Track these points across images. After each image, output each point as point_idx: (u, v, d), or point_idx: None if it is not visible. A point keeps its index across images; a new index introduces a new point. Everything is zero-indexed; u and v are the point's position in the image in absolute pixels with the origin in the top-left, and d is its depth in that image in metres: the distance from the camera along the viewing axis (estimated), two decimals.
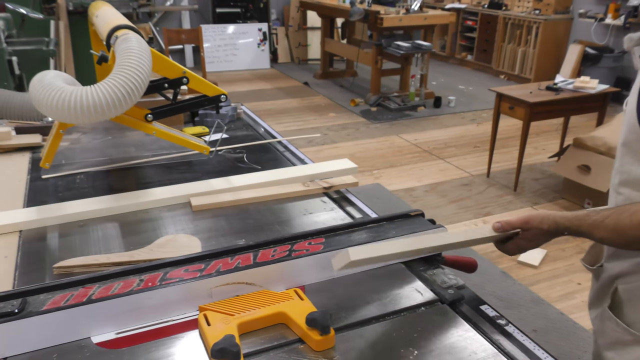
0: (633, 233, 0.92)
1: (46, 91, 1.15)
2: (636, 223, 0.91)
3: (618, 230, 0.94)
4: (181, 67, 1.41)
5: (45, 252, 1.21)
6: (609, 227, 0.95)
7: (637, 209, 0.92)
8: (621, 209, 0.95)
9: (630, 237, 0.92)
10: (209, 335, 0.90)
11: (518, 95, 3.55)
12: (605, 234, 0.95)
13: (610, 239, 0.96)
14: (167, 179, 1.58)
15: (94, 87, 1.16)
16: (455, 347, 0.91)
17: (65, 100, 1.13)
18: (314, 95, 6.31)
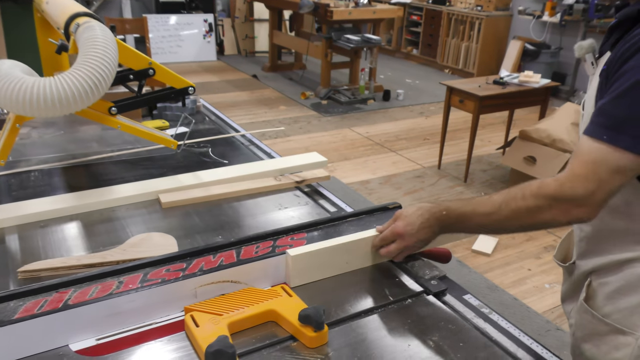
0: (508, 220, 0.95)
1: (4, 82, 1.06)
2: (512, 209, 0.94)
3: (493, 214, 0.96)
4: (147, 57, 1.34)
5: (5, 255, 1.12)
6: (486, 211, 0.98)
7: (516, 195, 0.95)
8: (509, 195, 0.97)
9: (502, 222, 0.96)
10: (199, 337, 0.86)
11: (468, 89, 3.66)
12: (483, 216, 0.98)
13: (486, 222, 0.98)
14: (131, 175, 1.51)
15: (57, 78, 1.09)
16: (446, 338, 0.92)
17: (26, 92, 1.05)
18: (263, 88, 6.24)
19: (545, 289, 2.62)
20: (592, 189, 0.87)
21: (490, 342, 0.92)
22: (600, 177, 0.86)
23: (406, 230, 1.05)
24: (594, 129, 0.88)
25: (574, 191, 0.88)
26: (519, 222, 0.95)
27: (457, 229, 1.04)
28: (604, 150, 0.86)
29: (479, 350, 0.89)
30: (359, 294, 1.03)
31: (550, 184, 0.91)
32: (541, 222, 0.93)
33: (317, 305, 0.91)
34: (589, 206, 0.88)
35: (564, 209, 0.90)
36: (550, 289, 2.62)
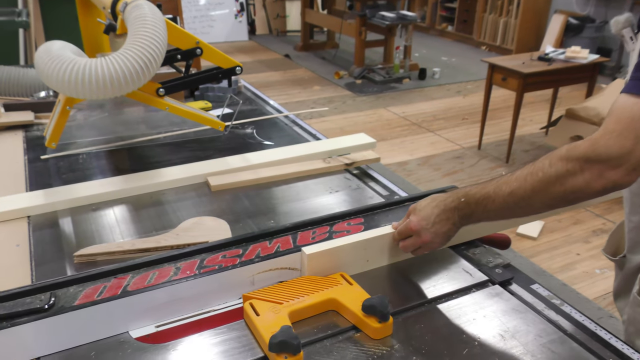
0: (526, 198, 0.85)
1: (55, 63, 1.04)
2: (530, 186, 0.84)
3: (514, 195, 0.86)
4: (195, 37, 1.31)
5: (59, 239, 1.11)
6: (506, 192, 0.87)
7: (533, 170, 0.85)
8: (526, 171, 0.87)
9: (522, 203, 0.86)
10: (260, 326, 0.83)
11: (511, 66, 3.52)
12: (507, 195, 0.87)
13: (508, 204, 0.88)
14: (178, 158, 1.49)
15: (109, 58, 1.06)
16: (518, 331, 0.87)
17: (78, 74, 1.03)
18: (296, 68, 6.18)
19: (596, 275, 2.53)
20: (628, 146, 0.78)
21: (566, 337, 0.86)
22: (637, 133, 0.77)
23: (421, 226, 0.95)
24: (632, 84, 0.80)
25: (608, 149, 0.79)
26: (548, 195, 0.84)
27: (480, 217, 0.93)
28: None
29: (556, 345, 0.84)
30: (421, 283, 0.99)
31: (581, 144, 0.82)
32: (573, 189, 0.82)
33: (381, 295, 0.87)
34: (626, 167, 0.79)
35: (597, 171, 0.80)
36: (601, 275, 2.53)
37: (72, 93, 1.06)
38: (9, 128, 1.66)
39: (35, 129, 1.67)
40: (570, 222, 2.98)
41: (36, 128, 1.68)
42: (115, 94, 1.08)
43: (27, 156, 1.49)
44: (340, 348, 0.84)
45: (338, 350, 0.83)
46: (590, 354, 0.83)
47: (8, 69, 1.79)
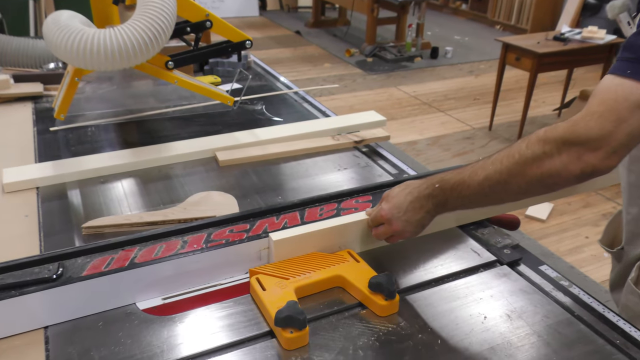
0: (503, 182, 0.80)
1: (64, 33, 1.03)
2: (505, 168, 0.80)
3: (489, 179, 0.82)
4: (204, 9, 1.29)
5: (68, 210, 1.12)
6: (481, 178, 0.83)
7: (509, 153, 0.80)
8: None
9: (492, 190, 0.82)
10: (266, 301, 0.83)
11: (526, 45, 3.46)
12: (483, 179, 0.83)
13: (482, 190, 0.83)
14: (186, 132, 1.48)
15: (117, 29, 1.05)
16: (525, 312, 0.87)
17: (87, 44, 1.02)
18: (306, 44, 6.11)
19: (604, 259, 2.51)
20: (609, 128, 0.74)
21: (574, 318, 0.86)
22: (619, 115, 0.74)
23: (392, 214, 0.90)
24: (617, 65, 0.77)
25: (587, 131, 0.74)
26: (525, 178, 0.79)
27: (455, 204, 0.88)
28: (626, 85, 0.74)
29: (563, 327, 0.84)
30: (428, 262, 0.98)
31: (561, 125, 0.78)
32: (550, 172, 0.78)
33: (388, 273, 0.87)
34: (605, 150, 0.74)
35: (575, 153, 0.75)
36: (609, 258, 2.51)
37: (80, 64, 1.06)
38: (18, 99, 1.66)
39: (44, 101, 1.67)
40: (580, 205, 2.96)
41: (45, 100, 1.67)
42: (124, 65, 1.07)
43: (36, 127, 1.49)
44: (346, 324, 0.84)
45: (344, 327, 0.83)
46: (598, 336, 0.83)
47: (18, 39, 1.79)
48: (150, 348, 0.77)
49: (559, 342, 0.80)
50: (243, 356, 0.77)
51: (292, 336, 0.77)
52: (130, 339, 0.79)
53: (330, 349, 0.78)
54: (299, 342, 0.78)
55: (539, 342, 0.80)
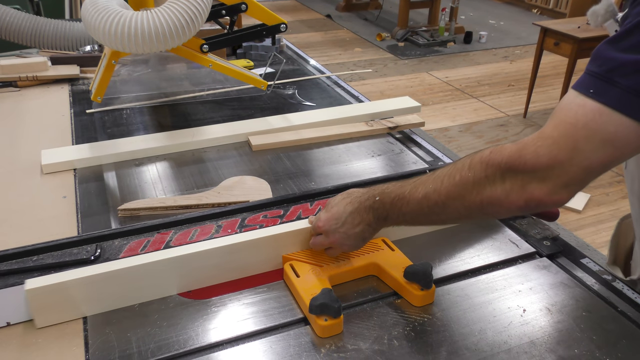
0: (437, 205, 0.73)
1: (102, 16, 1.04)
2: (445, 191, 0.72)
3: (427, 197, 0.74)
4: None
5: (104, 192, 1.13)
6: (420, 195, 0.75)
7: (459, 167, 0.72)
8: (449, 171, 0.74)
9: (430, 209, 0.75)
10: (300, 288, 0.83)
11: (565, 30, 3.34)
12: (422, 197, 0.75)
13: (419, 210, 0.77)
14: (219, 116, 1.48)
15: (154, 11, 1.04)
16: (566, 306, 0.84)
17: (124, 26, 1.02)
18: (337, 29, 6.05)
19: None
20: (561, 158, 0.64)
21: (618, 314, 0.83)
22: (575, 144, 0.63)
23: (329, 225, 0.84)
24: (582, 79, 0.65)
25: (536, 158, 0.65)
26: (463, 203, 0.72)
27: (397, 219, 0.80)
28: (588, 108, 0.63)
29: (606, 322, 0.81)
30: (465, 252, 0.96)
31: (508, 147, 0.69)
32: (490, 200, 0.70)
33: (425, 262, 0.85)
34: (554, 183, 0.65)
35: (519, 182, 0.67)
36: None
37: (118, 46, 1.06)
38: (55, 82, 1.68)
39: (80, 83, 1.69)
40: (619, 196, 2.87)
41: (82, 82, 1.70)
42: (160, 48, 1.07)
43: (73, 110, 1.51)
44: (381, 313, 0.83)
45: (378, 315, 0.82)
46: None
47: (55, 22, 1.81)
48: (185, 331, 0.78)
49: (602, 338, 0.78)
50: (277, 342, 0.77)
51: (326, 324, 0.77)
52: (166, 322, 0.79)
53: (365, 337, 0.78)
54: (334, 330, 0.77)
55: (581, 337, 0.78)
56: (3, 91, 1.61)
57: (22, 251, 0.86)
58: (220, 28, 1.36)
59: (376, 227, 0.83)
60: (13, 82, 1.63)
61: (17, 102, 1.55)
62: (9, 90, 1.62)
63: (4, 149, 1.29)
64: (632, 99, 0.60)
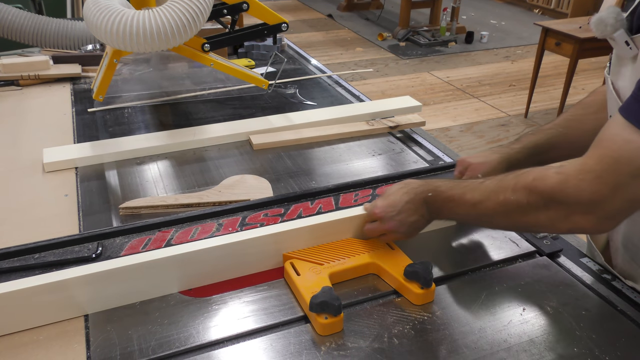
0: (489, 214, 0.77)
1: (104, 15, 1.04)
2: (498, 203, 0.75)
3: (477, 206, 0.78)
4: None
5: (106, 190, 1.13)
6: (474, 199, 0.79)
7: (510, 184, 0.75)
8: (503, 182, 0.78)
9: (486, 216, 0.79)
10: (300, 286, 0.83)
11: (567, 30, 3.34)
12: (470, 205, 0.80)
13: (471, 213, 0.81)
14: (220, 115, 1.49)
15: (156, 10, 1.05)
16: (565, 305, 0.84)
17: (126, 25, 1.02)
18: (338, 28, 6.06)
19: None
20: (604, 193, 0.65)
21: (617, 312, 0.83)
22: (618, 180, 0.64)
23: (385, 212, 0.86)
24: (632, 105, 0.64)
25: (578, 192, 0.67)
26: (509, 220, 0.77)
27: (448, 216, 0.86)
28: (635, 141, 0.62)
29: (606, 321, 0.81)
30: (465, 251, 0.96)
31: (550, 177, 0.70)
32: (536, 223, 0.74)
33: (425, 261, 0.85)
34: (598, 215, 0.67)
35: (563, 212, 0.69)
36: None
37: (120, 45, 1.06)
38: (57, 80, 1.69)
39: (82, 82, 1.69)
40: None
41: (83, 81, 1.70)
42: (162, 47, 1.07)
43: (74, 108, 1.52)
44: (381, 312, 0.83)
45: (378, 314, 0.82)
46: None
47: (57, 21, 1.81)
48: (186, 329, 0.78)
49: (602, 337, 0.78)
50: (278, 340, 0.77)
51: (327, 322, 0.77)
52: (167, 320, 0.80)
53: (365, 335, 0.78)
54: (334, 328, 0.78)
55: (581, 336, 0.78)
56: (5, 90, 1.61)
57: (23, 249, 0.87)
58: (221, 27, 1.36)
59: (429, 218, 0.87)
60: (15, 80, 1.63)
61: (19, 100, 1.56)
62: (11, 89, 1.62)
63: (6, 148, 1.30)
64: None
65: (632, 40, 0.73)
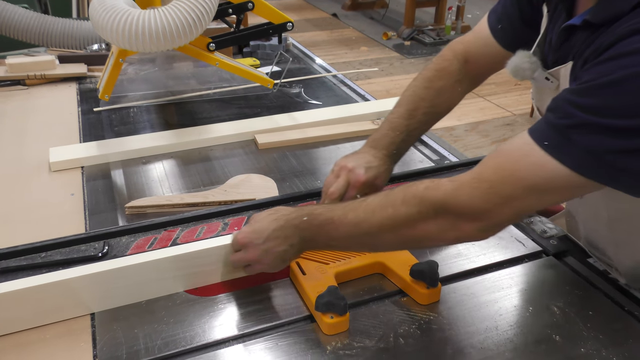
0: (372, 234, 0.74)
1: (110, 14, 1.04)
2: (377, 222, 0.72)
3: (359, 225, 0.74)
4: None
5: (111, 190, 1.14)
6: (353, 221, 0.74)
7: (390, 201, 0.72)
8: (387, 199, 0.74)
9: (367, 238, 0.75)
10: (306, 285, 0.83)
11: None
12: (352, 225, 0.74)
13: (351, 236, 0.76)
14: (225, 114, 1.49)
15: (161, 10, 1.05)
16: (572, 305, 0.84)
17: (132, 25, 1.03)
18: (343, 27, 6.05)
19: None
20: (495, 202, 0.66)
21: (625, 313, 0.83)
22: (512, 193, 0.65)
23: (250, 239, 0.79)
24: (540, 127, 0.65)
25: (471, 200, 0.67)
26: (396, 235, 0.73)
27: (325, 243, 0.78)
28: (534, 158, 0.63)
29: (613, 321, 0.81)
30: (471, 250, 0.96)
31: (444, 185, 0.70)
32: (424, 234, 0.72)
33: (431, 261, 0.85)
34: (485, 224, 0.68)
35: (452, 221, 0.69)
36: None
37: (126, 45, 1.06)
38: (63, 80, 1.69)
39: (88, 82, 1.70)
40: None
41: (89, 80, 1.70)
42: (167, 46, 1.07)
43: (80, 108, 1.52)
44: (387, 311, 0.83)
45: (384, 314, 0.82)
46: None
47: (62, 21, 1.82)
48: (192, 328, 0.78)
49: (609, 337, 0.77)
50: (283, 339, 0.77)
51: (332, 321, 0.77)
52: (173, 319, 0.80)
53: (371, 335, 0.78)
54: (340, 327, 0.78)
55: (588, 336, 0.78)
56: (11, 89, 1.62)
57: (30, 248, 0.87)
58: (227, 27, 1.36)
59: (300, 248, 0.79)
60: (21, 80, 1.64)
61: (25, 100, 1.56)
62: (17, 88, 1.63)
63: (13, 147, 1.30)
64: (584, 157, 0.61)
65: (551, 74, 0.76)
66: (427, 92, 1.00)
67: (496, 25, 0.94)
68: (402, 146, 0.99)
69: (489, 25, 0.96)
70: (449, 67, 1.01)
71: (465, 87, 1.02)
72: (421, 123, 1.00)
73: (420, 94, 1.00)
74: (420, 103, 0.99)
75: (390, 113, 1.01)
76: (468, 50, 1.00)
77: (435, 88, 1.00)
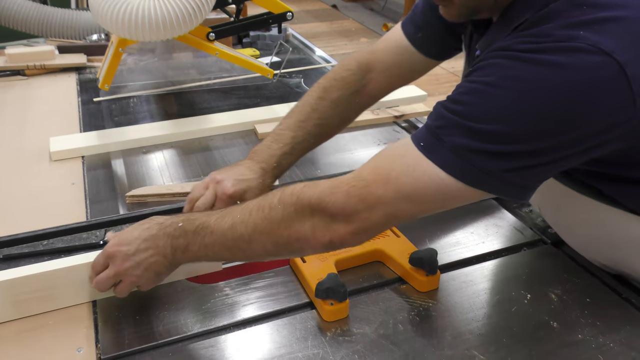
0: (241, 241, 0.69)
1: (109, 3, 1.04)
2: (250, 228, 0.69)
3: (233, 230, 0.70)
4: None
5: (112, 179, 1.14)
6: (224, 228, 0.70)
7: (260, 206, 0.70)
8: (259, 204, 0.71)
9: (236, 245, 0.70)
10: (306, 273, 0.84)
11: None
12: (227, 228, 0.70)
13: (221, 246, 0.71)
14: (225, 104, 1.49)
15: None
16: (570, 292, 0.84)
17: (132, 14, 1.03)
18: (343, 19, 6.03)
19: None
20: (370, 202, 0.64)
21: (622, 300, 0.83)
22: (384, 194, 0.63)
23: (118, 251, 0.72)
24: (420, 130, 0.66)
25: (346, 199, 0.65)
26: (271, 237, 0.69)
27: (198, 252, 0.72)
28: (409, 158, 0.63)
29: (610, 308, 0.81)
30: (470, 239, 0.97)
31: (321, 184, 0.68)
32: (297, 236, 0.68)
33: (430, 248, 0.86)
34: (357, 227, 0.66)
35: (325, 220, 0.66)
36: None
37: (125, 34, 1.06)
38: (63, 70, 1.69)
39: (87, 72, 1.70)
40: None
41: (89, 71, 1.70)
42: (167, 36, 1.07)
43: (80, 98, 1.52)
44: (386, 298, 0.83)
45: (383, 301, 0.83)
46: None
47: (62, 11, 1.82)
48: (193, 315, 0.79)
49: (605, 324, 0.78)
50: (283, 326, 0.78)
51: (332, 308, 0.77)
52: (174, 305, 0.80)
53: (370, 322, 0.78)
54: (339, 314, 0.78)
55: (585, 323, 0.78)
56: (11, 80, 1.62)
57: (32, 235, 0.88)
58: (226, 16, 1.36)
59: (173, 260, 0.73)
60: (21, 70, 1.64)
61: (25, 90, 1.56)
62: (17, 78, 1.63)
63: (13, 137, 1.31)
64: (452, 157, 0.61)
65: None
66: (320, 102, 0.94)
67: (415, 34, 0.92)
68: (284, 159, 0.92)
69: (405, 35, 0.93)
70: (349, 77, 0.96)
71: (365, 100, 0.98)
72: (310, 135, 0.93)
73: (313, 105, 0.94)
74: (311, 114, 0.93)
75: (279, 124, 0.95)
76: (376, 59, 0.96)
77: (331, 99, 0.94)
